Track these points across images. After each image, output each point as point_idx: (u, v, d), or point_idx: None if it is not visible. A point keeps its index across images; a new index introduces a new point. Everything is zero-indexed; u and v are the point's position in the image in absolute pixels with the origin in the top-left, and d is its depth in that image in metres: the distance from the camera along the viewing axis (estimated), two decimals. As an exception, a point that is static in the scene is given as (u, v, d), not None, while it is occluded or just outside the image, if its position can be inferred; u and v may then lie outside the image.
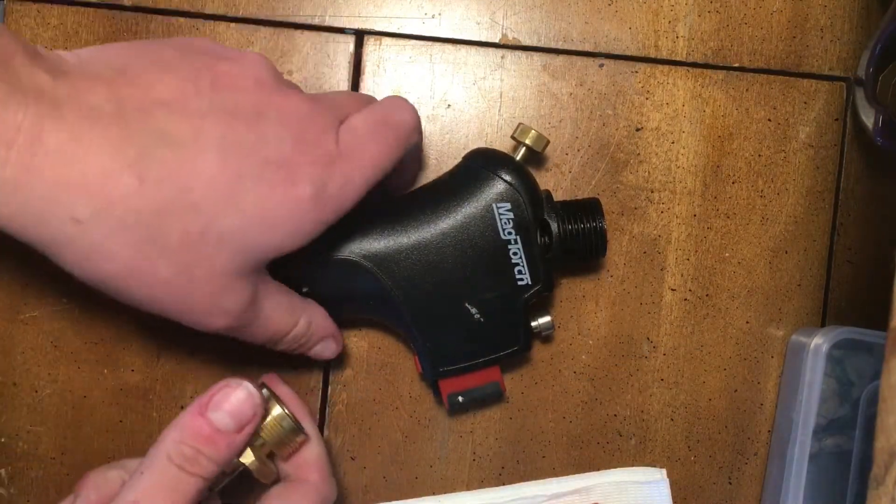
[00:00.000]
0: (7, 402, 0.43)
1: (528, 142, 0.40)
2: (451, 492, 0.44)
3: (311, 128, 0.33)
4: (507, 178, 0.39)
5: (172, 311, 0.32)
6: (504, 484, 0.44)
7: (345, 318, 0.42)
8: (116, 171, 0.29)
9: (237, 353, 0.42)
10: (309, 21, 0.44)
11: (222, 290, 0.32)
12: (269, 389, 0.36)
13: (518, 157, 0.40)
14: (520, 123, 0.41)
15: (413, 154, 0.41)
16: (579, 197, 0.44)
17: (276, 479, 0.37)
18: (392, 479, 0.45)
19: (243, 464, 0.35)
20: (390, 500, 0.44)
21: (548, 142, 0.41)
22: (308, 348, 0.39)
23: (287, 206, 0.32)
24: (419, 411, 0.45)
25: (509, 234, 0.39)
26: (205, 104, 0.31)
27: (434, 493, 0.44)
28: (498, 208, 0.38)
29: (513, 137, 0.41)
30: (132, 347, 0.44)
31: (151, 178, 0.29)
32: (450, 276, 0.39)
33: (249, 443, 0.35)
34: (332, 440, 0.44)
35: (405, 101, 0.38)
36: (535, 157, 0.42)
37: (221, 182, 0.31)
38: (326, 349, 0.40)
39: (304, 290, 0.38)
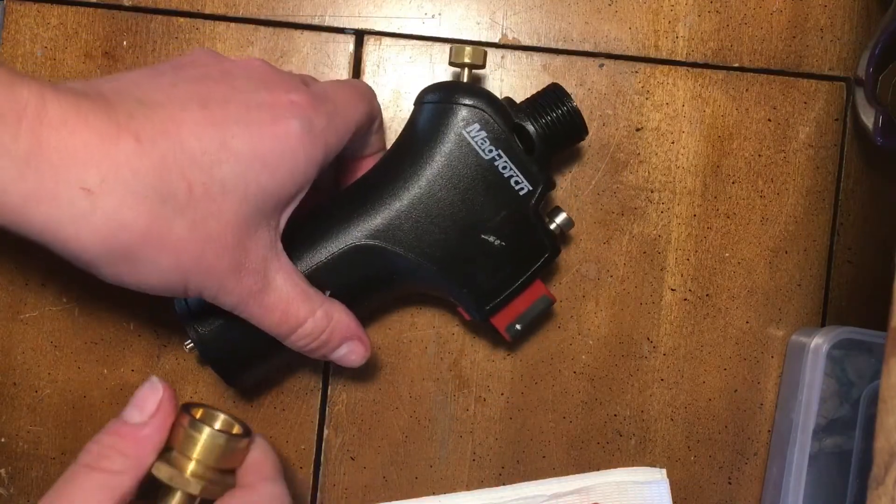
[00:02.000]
0: (7, 402, 0.43)
1: (467, 60, 0.40)
2: (451, 492, 0.44)
3: (280, 79, 0.35)
4: (465, 101, 0.38)
5: (193, 276, 0.32)
6: (504, 484, 0.44)
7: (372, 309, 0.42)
8: (113, 133, 0.30)
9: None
10: (309, 21, 0.44)
11: (238, 244, 0.32)
12: (190, 413, 0.35)
13: (465, 80, 0.40)
14: (451, 46, 0.40)
15: (378, 136, 0.41)
16: (539, 90, 0.42)
17: (233, 487, 0.36)
18: (392, 479, 0.45)
19: (195, 496, 0.34)
20: (390, 500, 0.44)
21: (485, 52, 0.40)
22: (330, 349, 0.38)
23: (279, 144, 0.33)
24: (419, 411, 0.45)
25: (490, 151, 0.38)
26: (172, 77, 0.33)
27: (434, 493, 0.44)
28: (469, 133, 0.38)
29: (451, 63, 0.40)
30: (132, 347, 0.44)
31: (146, 136, 0.30)
32: (455, 217, 0.38)
33: (195, 473, 0.34)
34: (332, 440, 0.44)
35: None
36: (481, 73, 0.42)
37: (209, 130, 0.32)
38: (353, 353, 0.39)
39: (328, 293, 0.38)
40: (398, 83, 0.44)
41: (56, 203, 0.29)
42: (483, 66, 0.41)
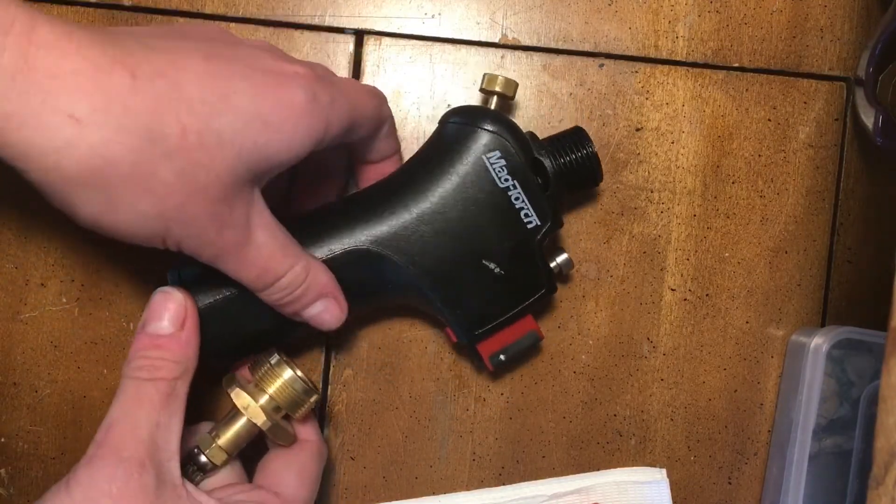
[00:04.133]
0: (7, 402, 0.43)
1: (498, 89, 0.40)
2: (451, 492, 0.44)
3: (286, 55, 0.35)
4: (490, 127, 0.38)
5: (174, 225, 0.31)
6: (504, 484, 0.44)
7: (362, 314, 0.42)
8: (108, 65, 0.29)
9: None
10: (309, 21, 0.44)
11: (224, 199, 0.31)
12: (281, 355, 0.37)
13: (493, 107, 0.40)
14: (485, 74, 0.40)
15: (388, 142, 0.41)
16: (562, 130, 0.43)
17: (294, 440, 0.38)
18: (392, 479, 0.45)
19: (259, 427, 0.36)
20: (390, 500, 0.44)
21: (516, 84, 0.41)
22: (304, 305, 0.36)
23: (282, 108, 0.32)
24: (419, 411, 0.45)
25: (506, 180, 0.38)
26: (179, 33, 0.33)
27: (434, 493, 0.44)
28: (488, 159, 0.38)
29: (482, 90, 0.41)
30: (132, 347, 0.44)
31: (143, 74, 0.29)
32: (460, 238, 0.38)
33: (265, 408, 0.36)
34: (332, 440, 0.44)
35: None
36: (509, 103, 0.42)
37: (211, 80, 0.31)
38: (327, 312, 0.37)
39: None
40: (398, 83, 0.44)
41: (40, 128, 0.27)
42: (512, 98, 0.41)
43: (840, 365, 0.43)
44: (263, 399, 0.37)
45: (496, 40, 0.44)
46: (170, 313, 0.35)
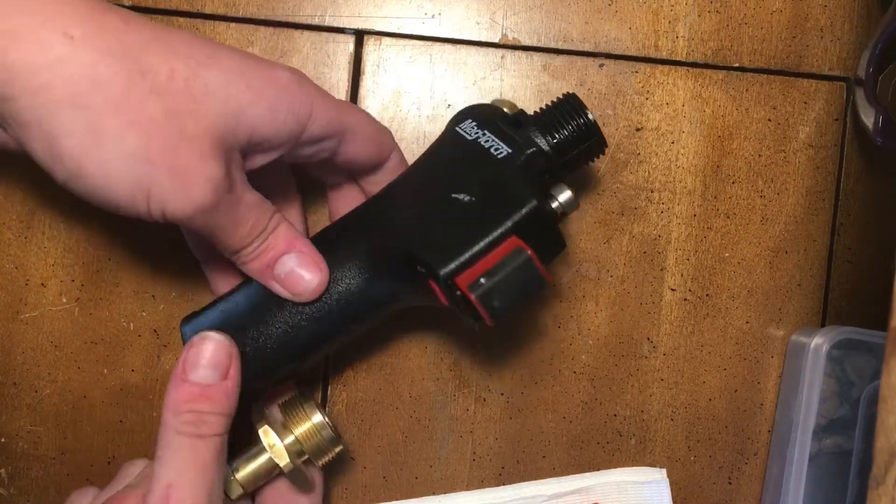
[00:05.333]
0: (7, 402, 0.43)
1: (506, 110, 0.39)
2: (451, 492, 0.44)
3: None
4: (462, 112, 0.38)
5: (162, 175, 0.30)
6: (504, 484, 0.44)
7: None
8: (104, 7, 0.30)
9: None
10: (309, 21, 0.44)
11: (209, 153, 0.31)
12: (312, 398, 0.37)
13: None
14: (495, 99, 0.40)
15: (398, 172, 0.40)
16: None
17: (312, 487, 0.38)
18: (392, 479, 0.45)
19: (280, 468, 0.36)
20: (390, 500, 0.44)
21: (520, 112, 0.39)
22: (272, 258, 0.35)
23: (266, 80, 0.33)
24: (419, 411, 0.45)
25: (475, 133, 0.37)
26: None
27: (434, 493, 0.44)
28: (461, 127, 0.37)
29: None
30: (132, 347, 0.44)
31: (134, 23, 0.31)
32: (429, 187, 0.36)
33: (289, 449, 0.36)
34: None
35: None
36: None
37: (198, 43, 0.32)
38: (302, 266, 0.35)
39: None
40: (398, 83, 0.44)
41: (36, 43, 0.28)
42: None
43: (840, 365, 0.43)
44: (289, 440, 0.36)
45: (496, 40, 0.44)
46: (215, 360, 0.34)
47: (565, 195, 0.36)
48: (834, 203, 0.46)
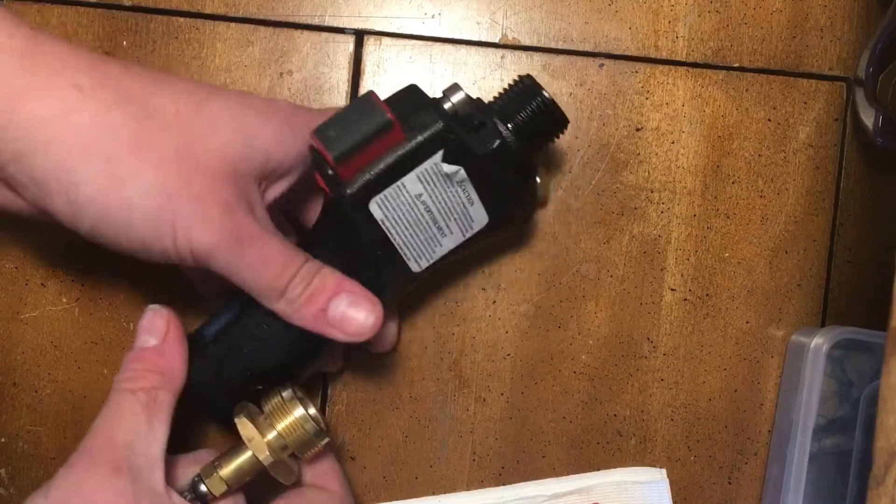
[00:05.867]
0: (7, 402, 0.43)
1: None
2: (451, 492, 0.44)
3: None
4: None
5: (182, 206, 0.30)
6: (504, 484, 0.44)
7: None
8: (102, 58, 0.31)
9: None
10: (309, 21, 0.44)
11: (226, 179, 0.31)
12: (296, 391, 0.36)
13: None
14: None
15: None
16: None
17: (298, 481, 0.37)
18: (392, 479, 0.45)
19: (262, 463, 0.35)
20: (390, 500, 0.44)
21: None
22: (323, 301, 0.33)
23: (269, 106, 0.34)
24: (419, 411, 0.45)
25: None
26: None
27: (434, 493, 0.44)
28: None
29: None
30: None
31: (135, 70, 0.32)
32: None
33: (270, 443, 0.35)
34: (332, 440, 0.44)
35: None
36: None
37: (200, 85, 0.33)
38: (353, 306, 0.34)
39: None
40: (398, 83, 0.44)
41: (47, 97, 0.29)
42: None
43: (840, 365, 0.43)
44: (271, 434, 0.36)
45: (496, 40, 0.44)
46: (150, 325, 0.36)
47: (458, 95, 0.36)
48: (834, 203, 0.46)
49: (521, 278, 0.45)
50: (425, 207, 0.36)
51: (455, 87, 0.36)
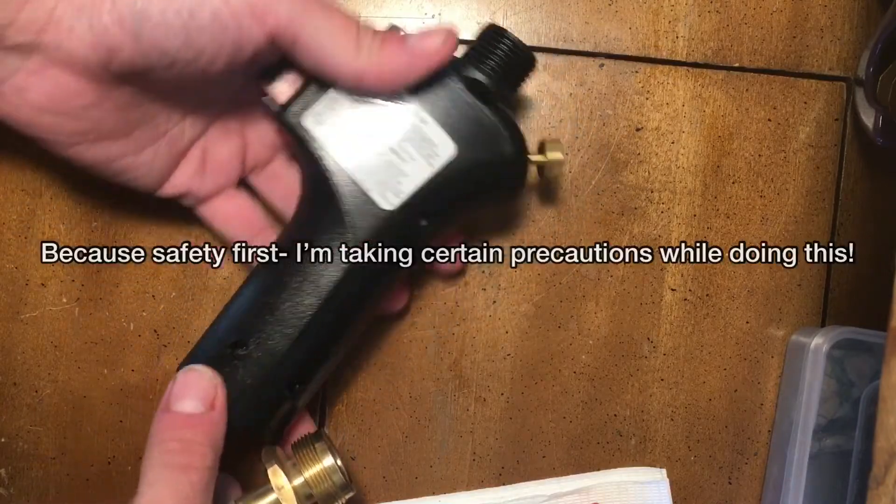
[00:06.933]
0: (7, 402, 0.43)
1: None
2: (451, 492, 0.44)
3: None
4: None
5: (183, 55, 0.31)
6: (504, 484, 0.44)
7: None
8: None
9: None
10: (309, 21, 0.44)
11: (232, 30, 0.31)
12: (327, 439, 0.36)
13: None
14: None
15: None
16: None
17: None
18: (392, 479, 0.45)
19: None
20: (390, 500, 0.44)
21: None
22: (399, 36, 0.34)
23: None
24: (419, 411, 0.45)
25: None
26: None
27: (434, 493, 0.44)
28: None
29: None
30: (132, 347, 0.44)
31: None
32: None
33: (297, 490, 0.35)
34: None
35: None
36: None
37: None
38: (435, 36, 0.34)
39: None
40: (398, 83, 0.44)
41: None
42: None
43: (840, 365, 0.43)
44: (298, 481, 0.35)
45: (496, 40, 0.44)
46: (200, 390, 0.33)
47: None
48: (834, 203, 0.46)
49: (521, 278, 0.45)
50: (367, 120, 0.35)
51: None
